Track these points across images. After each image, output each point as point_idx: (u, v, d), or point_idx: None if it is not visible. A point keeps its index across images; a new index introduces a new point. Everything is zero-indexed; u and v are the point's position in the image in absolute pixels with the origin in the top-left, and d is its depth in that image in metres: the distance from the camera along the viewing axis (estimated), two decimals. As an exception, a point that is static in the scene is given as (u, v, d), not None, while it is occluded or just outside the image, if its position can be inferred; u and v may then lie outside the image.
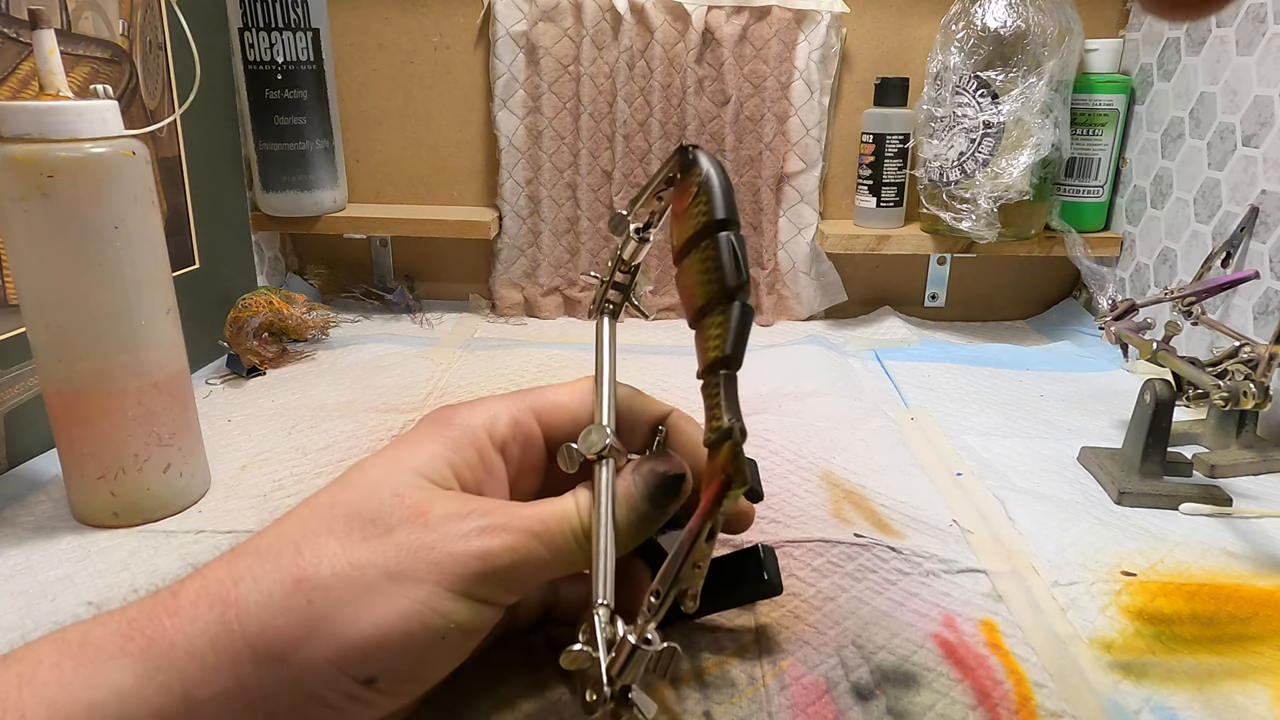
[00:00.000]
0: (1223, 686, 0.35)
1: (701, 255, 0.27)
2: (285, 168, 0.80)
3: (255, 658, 0.25)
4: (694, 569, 0.26)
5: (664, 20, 0.81)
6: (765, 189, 0.86)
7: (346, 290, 0.92)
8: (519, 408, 0.33)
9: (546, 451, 0.34)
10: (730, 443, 0.24)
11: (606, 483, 0.30)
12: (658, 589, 0.26)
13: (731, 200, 0.27)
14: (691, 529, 0.26)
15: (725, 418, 0.25)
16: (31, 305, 0.43)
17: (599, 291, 0.37)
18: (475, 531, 0.27)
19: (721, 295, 0.26)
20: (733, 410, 0.25)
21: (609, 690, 0.25)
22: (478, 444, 0.31)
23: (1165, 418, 0.51)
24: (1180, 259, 0.73)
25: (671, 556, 0.26)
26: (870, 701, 0.34)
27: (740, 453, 0.24)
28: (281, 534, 0.28)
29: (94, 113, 0.42)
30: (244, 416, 0.61)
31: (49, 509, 0.48)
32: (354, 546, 0.27)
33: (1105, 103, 0.79)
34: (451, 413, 0.32)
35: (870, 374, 0.74)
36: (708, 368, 0.26)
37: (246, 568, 0.26)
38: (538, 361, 0.74)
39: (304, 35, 0.77)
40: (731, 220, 0.27)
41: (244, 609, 0.25)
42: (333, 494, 0.29)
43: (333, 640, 0.25)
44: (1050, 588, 0.42)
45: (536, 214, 0.88)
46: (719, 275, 0.26)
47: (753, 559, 0.37)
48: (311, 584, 0.26)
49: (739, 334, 0.26)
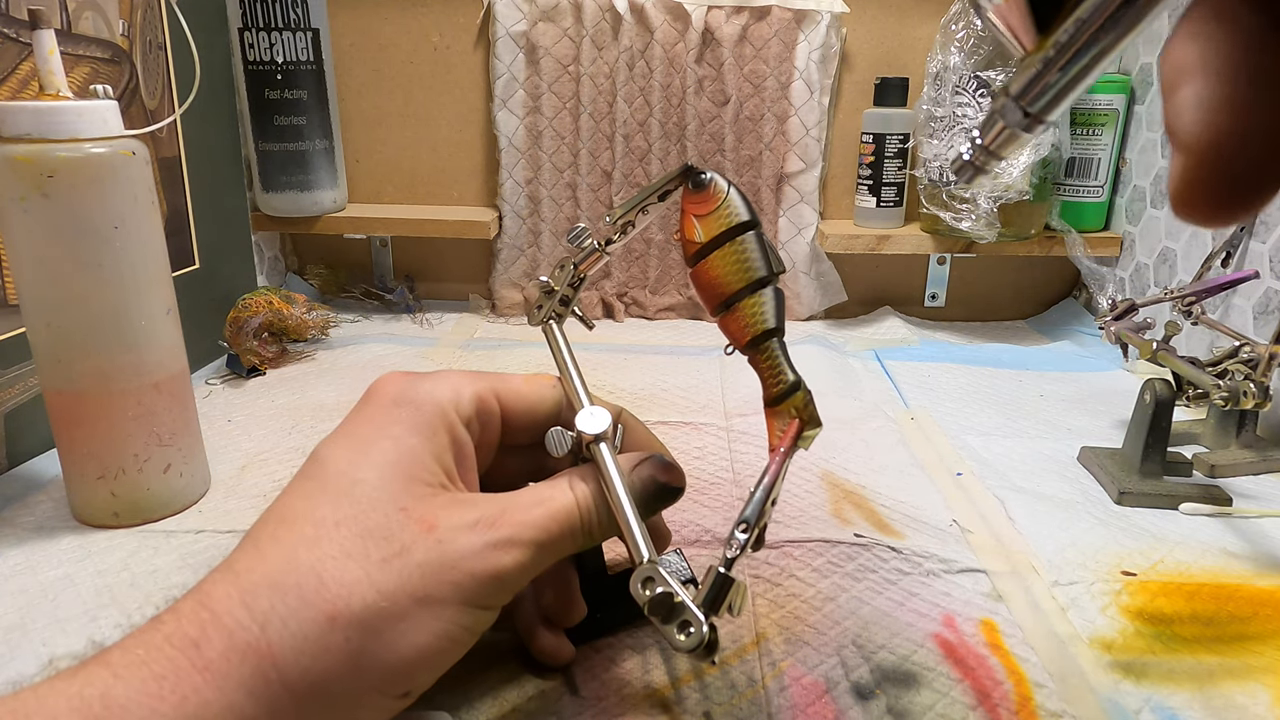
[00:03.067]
0: (1223, 686, 0.35)
1: (734, 249, 0.32)
2: (285, 168, 0.80)
3: (295, 698, 0.25)
4: (771, 505, 0.29)
5: (664, 20, 0.81)
6: (765, 189, 0.86)
7: (346, 290, 0.92)
8: (481, 385, 0.33)
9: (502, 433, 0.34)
10: (802, 390, 0.30)
11: (611, 461, 0.31)
12: (746, 520, 0.29)
13: (752, 205, 0.33)
14: (773, 470, 0.29)
15: (790, 373, 0.31)
16: (31, 305, 0.43)
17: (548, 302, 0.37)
18: (488, 548, 0.28)
19: (758, 282, 0.31)
20: (793, 368, 0.31)
21: (704, 621, 0.27)
22: (448, 424, 0.31)
23: (1165, 418, 0.51)
24: (1180, 259, 0.73)
25: (758, 494, 0.29)
26: (870, 701, 0.34)
27: (811, 399, 0.30)
28: (293, 560, 0.26)
29: (94, 113, 0.42)
30: (244, 416, 0.61)
31: (49, 509, 0.48)
32: (375, 571, 0.27)
33: (1105, 103, 0.79)
34: (414, 388, 0.31)
35: (870, 374, 0.74)
36: (756, 339, 0.31)
37: (270, 607, 0.25)
38: (537, 361, 0.74)
39: (304, 35, 0.77)
40: (757, 221, 0.32)
41: (280, 656, 0.25)
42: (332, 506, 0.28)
43: (375, 670, 0.26)
44: (1050, 588, 0.42)
45: (536, 214, 0.88)
46: (755, 265, 0.31)
47: None
48: (346, 620, 0.26)
49: (781, 309, 0.31)
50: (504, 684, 0.34)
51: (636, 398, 0.66)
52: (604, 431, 0.32)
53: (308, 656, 0.25)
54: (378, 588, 0.26)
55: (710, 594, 0.28)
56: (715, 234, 0.32)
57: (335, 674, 0.25)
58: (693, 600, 0.28)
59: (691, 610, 0.27)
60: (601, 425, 0.32)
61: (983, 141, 0.21)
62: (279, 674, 0.25)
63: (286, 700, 0.25)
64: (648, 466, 0.32)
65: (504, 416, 0.34)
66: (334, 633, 0.25)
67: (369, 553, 0.27)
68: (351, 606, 0.26)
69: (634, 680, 0.35)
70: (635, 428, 0.36)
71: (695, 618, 0.27)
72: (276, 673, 0.25)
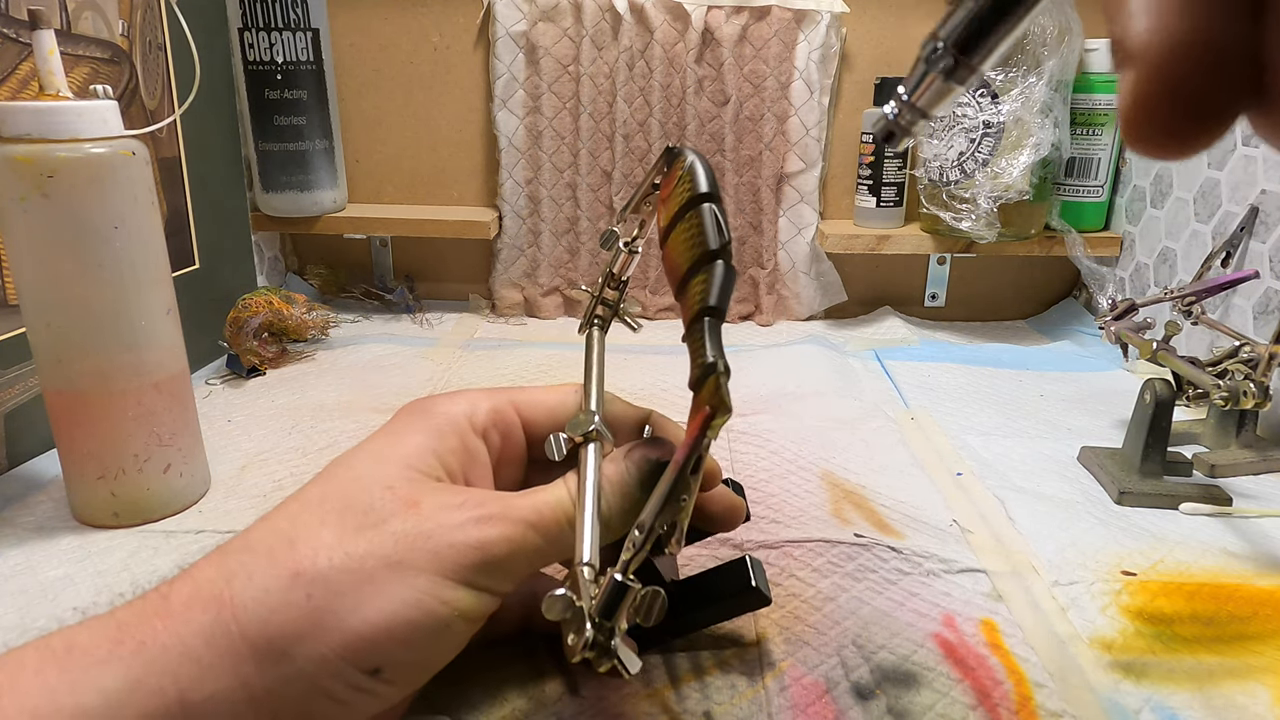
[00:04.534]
0: (1223, 686, 0.35)
1: (686, 226, 0.28)
2: (285, 168, 0.80)
3: (256, 655, 0.25)
4: (679, 503, 0.27)
5: (664, 20, 0.81)
6: (765, 189, 0.86)
7: (346, 290, 0.92)
8: (498, 399, 0.33)
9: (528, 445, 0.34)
10: (715, 375, 0.25)
11: (593, 460, 0.30)
12: (642, 523, 0.27)
13: (713, 178, 0.29)
14: (677, 460, 0.26)
15: (709, 354, 0.26)
16: (31, 305, 0.43)
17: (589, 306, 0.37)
18: (471, 521, 0.27)
19: (705, 257, 0.27)
20: (716, 349, 0.26)
21: (590, 628, 0.26)
22: (459, 430, 0.31)
23: (1165, 418, 0.51)
24: (1180, 259, 0.73)
25: (657, 489, 0.27)
26: (870, 701, 0.34)
27: (723, 384, 0.25)
28: (272, 529, 0.27)
29: (94, 113, 0.42)
30: (244, 416, 0.61)
31: (49, 509, 0.48)
32: (348, 537, 0.27)
33: (1105, 102, 0.79)
34: (430, 403, 0.32)
35: (870, 374, 0.74)
36: (693, 318, 0.27)
37: (239, 564, 0.26)
38: (537, 361, 0.74)
39: (304, 35, 0.77)
40: (714, 194, 0.28)
41: (240, 607, 0.25)
42: (320, 488, 0.29)
43: (336, 632, 0.25)
44: (1050, 587, 0.42)
45: (536, 214, 0.88)
46: (703, 239, 0.27)
47: (739, 570, 0.36)
48: (309, 577, 0.26)
49: (723, 286, 0.27)
50: (504, 685, 0.34)
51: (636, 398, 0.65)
52: (591, 431, 0.31)
53: (266, 609, 0.25)
54: (347, 550, 0.26)
55: (603, 600, 0.26)
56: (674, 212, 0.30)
57: (294, 630, 0.25)
58: (589, 607, 0.26)
59: (583, 615, 0.26)
60: (587, 426, 0.31)
61: (909, 97, 0.18)
62: (239, 626, 0.25)
63: (245, 652, 0.25)
64: (638, 449, 0.31)
65: (526, 427, 0.34)
66: (296, 589, 0.25)
67: (345, 522, 0.27)
68: (317, 564, 0.26)
69: (634, 680, 0.35)
70: (667, 427, 0.35)
71: (583, 623, 0.26)
72: (236, 625, 0.25)
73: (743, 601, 0.36)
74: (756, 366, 0.73)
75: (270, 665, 0.25)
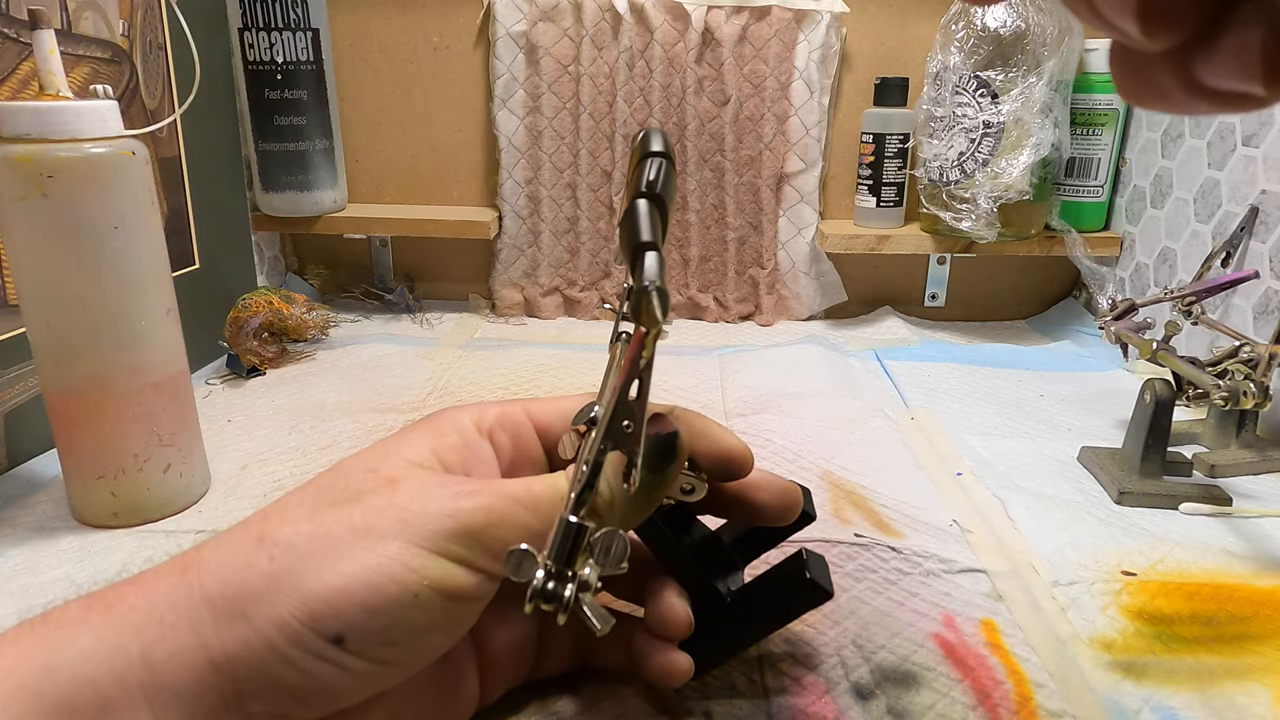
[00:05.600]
0: (1223, 686, 0.35)
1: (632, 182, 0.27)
2: (285, 168, 0.80)
3: (215, 615, 0.25)
4: (623, 428, 0.27)
5: (664, 20, 0.81)
6: (765, 189, 0.86)
7: (346, 290, 0.92)
8: (508, 404, 0.33)
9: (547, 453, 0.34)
10: (645, 295, 0.24)
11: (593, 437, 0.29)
12: (586, 458, 0.27)
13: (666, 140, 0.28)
14: (615, 385, 0.26)
15: (644, 281, 0.24)
16: (31, 305, 0.43)
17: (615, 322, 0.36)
18: (449, 494, 0.27)
19: (636, 195, 0.26)
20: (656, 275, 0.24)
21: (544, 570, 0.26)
22: (461, 430, 0.31)
23: (1165, 418, 0.51)
24: (1180, 259, 0.73)
25: (602, 415, 0.27)
26: (870, 701, 0.34)
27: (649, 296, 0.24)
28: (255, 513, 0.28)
29: (94, 113, 0.42)
30: (244, 416, 0.61)
31: (49, 509, 0.48)
32: (320, 508, 0.27)
33: (1105, 102, 0.79)
34: (438, 411, 0.33)
35: (870, 374, 0.74)
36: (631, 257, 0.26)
37: (212, 536, 0.27)
38: (538, 361, 0.74)
39: (304, 35, 0.77)
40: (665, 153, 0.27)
41: (205, 569, 0.26)
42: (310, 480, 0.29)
43: (295, 594, 0.25)
44: (1050, 587, 0.42)
45: (536, 214, 0.88)
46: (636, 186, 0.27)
47: (793, 566, 0.33)
48: (273, 541, 0.26)
49: (654, 221, 0.26)
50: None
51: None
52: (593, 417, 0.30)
53: (229, 569, 0.26)
54: (315, 519, 0.27)
55: (555, 543, 0.26)
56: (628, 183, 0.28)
57: (252, 590, 0.25)
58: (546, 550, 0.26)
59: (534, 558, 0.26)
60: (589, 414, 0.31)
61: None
62: (201, 588, 0.25)
63: (205, 613, 0.25)
64: None
65: (542, 432, 0.33)
66: (259, 551, 0.26)
67: (321, 498, 0.28)
68: (283, 531, 0.26)
69: (634, 680, 0.35)
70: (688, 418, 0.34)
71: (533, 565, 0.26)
72: (200, 587, 0.25)
73: (798, 598, 0.33)
74: (756, 366, 0.73)
75: (228, 625, 0.25)
